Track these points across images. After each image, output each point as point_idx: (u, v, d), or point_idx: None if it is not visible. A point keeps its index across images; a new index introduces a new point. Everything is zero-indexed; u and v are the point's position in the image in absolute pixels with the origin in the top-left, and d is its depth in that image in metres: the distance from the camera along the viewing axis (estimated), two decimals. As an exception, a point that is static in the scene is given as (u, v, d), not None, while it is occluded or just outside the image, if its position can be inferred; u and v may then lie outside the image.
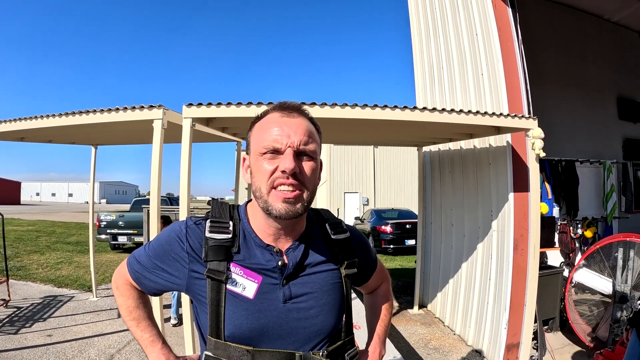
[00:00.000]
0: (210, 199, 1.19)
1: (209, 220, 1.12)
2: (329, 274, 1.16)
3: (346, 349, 1.20)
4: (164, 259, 1.13)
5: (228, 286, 1.06)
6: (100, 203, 73.61)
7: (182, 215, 3.38)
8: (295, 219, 1.09)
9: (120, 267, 1.25)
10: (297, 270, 1.11)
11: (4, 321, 5.56)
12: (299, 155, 1.04)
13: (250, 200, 1.19)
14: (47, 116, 4.16)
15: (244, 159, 1.16)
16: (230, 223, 1.12)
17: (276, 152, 1.03)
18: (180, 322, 5.54)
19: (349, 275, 1.20)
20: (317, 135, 1.12)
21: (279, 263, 1.09)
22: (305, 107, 1.14)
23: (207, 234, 1.09)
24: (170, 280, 1.13)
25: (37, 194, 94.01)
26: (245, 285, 1.07)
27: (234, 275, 1.06)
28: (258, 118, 1.13)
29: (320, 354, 1.10)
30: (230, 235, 1.09)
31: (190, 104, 3.33)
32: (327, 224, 1.25)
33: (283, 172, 1.01)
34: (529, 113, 4.43)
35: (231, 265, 1.07)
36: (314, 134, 1.10)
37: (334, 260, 1.19)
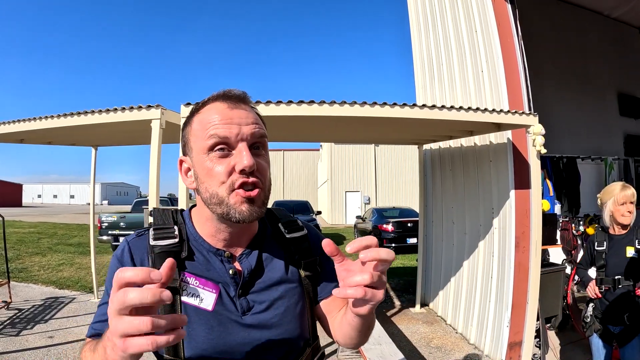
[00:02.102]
0: (152, 208, 1.06)
1: (152, 229, 1.00)
2: (287, 278, 1.06)
3: (314, 356, 1.11)
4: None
5: (183, 298, 0.94)
6: (101, 204, 73.79)
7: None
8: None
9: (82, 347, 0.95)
10: (252, 277, 1.01)
11: (5, 323, 5.56)
12: (251, 148, 0.92)
13: (194, 205, 1.08)
14: (46, 117, 4.16)
15: (181, 161, 1.02)
16: (175, 228, 1.01)
17: (226, 146, 0.91)
18: None
19: (308, 277, 1.10)
20: (264, 124, 1.00)
21: (230, 272, 0.99)
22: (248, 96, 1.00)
23: (152, 242, 0.97)
24: None
25: (39, 196, 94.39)
26: (202, 296, 0.95)
27: (189, 287, 0.95)
28: (195, 110, 0.98)
29: None
30: (177, 240, 0.99)
31: (188, 104, 3.32)
32: (280, 224, 1.14)
33: (242, 171, 0.89)
34: (530, 109, 4.41)
35: (185, 276, 0.95)
36: (261, 122, 0.98)
37: (291, 262, 1.08)
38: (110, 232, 12.16)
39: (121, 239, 11.98)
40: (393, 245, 12.92)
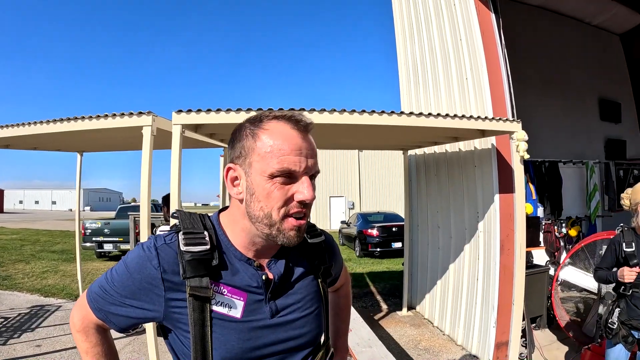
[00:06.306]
0: (175, 210, 1.04)
1: (181, 233, 0.98)
2: (308, 282, 1.11)
3: (327, 355, 1.19)
4: (135, 293, 0.97)
5: (213, 306, 0.95)
6: (84, 210, 72.66)
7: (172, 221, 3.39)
8: None
9: (80, 306, 1.08)
10: (281, 282, 1.05)
11: (-9, 332, 5.49)
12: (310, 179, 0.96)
13: (223, 209, 1.10)
14: (35, 123, 4.11)
15: (229, 169, 1.01)
16: (206, 233, 0.99)
17: (290, 175, 0.93)
18: None
19: (325, 281, 1.17)
20: None
21: (263, 278, 1.01)
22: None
23: (183, 248, 0.95)
24: (144, 313, 0.99)
25: (20, 202, 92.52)
26: (231, 304, 0.97)
27: (217, 295, 0.96)
28: (259, 122, 0.97)
29: None
30: (208, 247, 0.97)
31: (180, 111, 3.34)
32: None
33: (301, 202, 0.94)
34: (513, 116, 4.52)
35: (215, 285, 0.97)
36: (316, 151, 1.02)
37: (312, 267, 1.14)
38: (94, 238, 12.01)
39: (105, 245, 11.92)
40: (378, 249, 13.00)
